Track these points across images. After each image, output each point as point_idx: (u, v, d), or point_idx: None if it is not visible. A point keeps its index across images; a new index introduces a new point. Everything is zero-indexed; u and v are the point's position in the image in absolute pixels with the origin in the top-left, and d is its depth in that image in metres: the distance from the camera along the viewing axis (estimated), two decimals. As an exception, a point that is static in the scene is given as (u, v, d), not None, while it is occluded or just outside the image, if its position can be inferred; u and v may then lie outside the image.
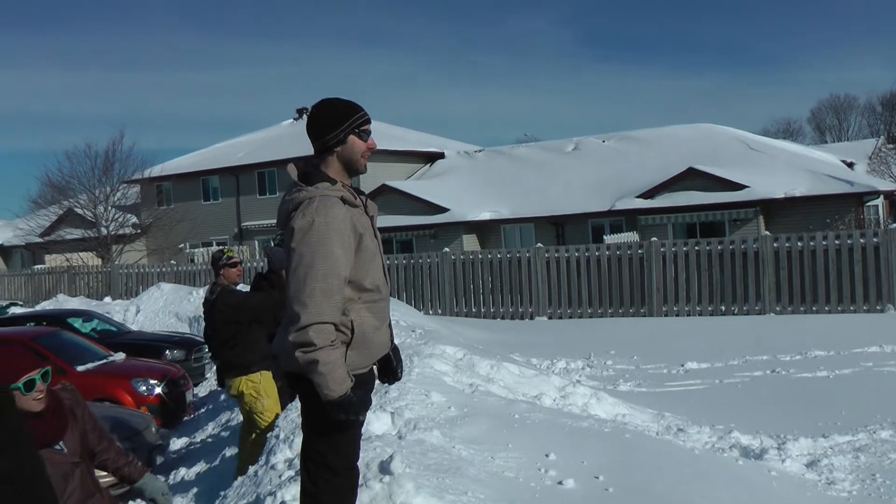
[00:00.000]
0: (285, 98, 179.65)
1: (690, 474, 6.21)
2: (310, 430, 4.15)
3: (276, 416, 8.15)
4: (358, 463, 4.34)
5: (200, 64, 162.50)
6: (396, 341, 4.88)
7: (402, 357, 8.80)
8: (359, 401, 3.86)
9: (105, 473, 4.49)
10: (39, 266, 39.26)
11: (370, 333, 4.04)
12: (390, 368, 4.39)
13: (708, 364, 13.47)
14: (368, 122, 4.12)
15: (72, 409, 4.19)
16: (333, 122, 4.04)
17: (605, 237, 29.75)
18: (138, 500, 4.65)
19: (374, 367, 4.29)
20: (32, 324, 17.03)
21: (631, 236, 30.13)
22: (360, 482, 5.01)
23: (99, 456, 4.34)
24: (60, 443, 4.05)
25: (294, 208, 3.96)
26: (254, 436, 8.27)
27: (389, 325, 4.28)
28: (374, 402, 7.58)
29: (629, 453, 6.65)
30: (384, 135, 43.93)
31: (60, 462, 3.99)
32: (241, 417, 8.89)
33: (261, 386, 8.15)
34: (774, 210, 30.96)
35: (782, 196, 30.54)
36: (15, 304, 29.56)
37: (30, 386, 3.88)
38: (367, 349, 4.06)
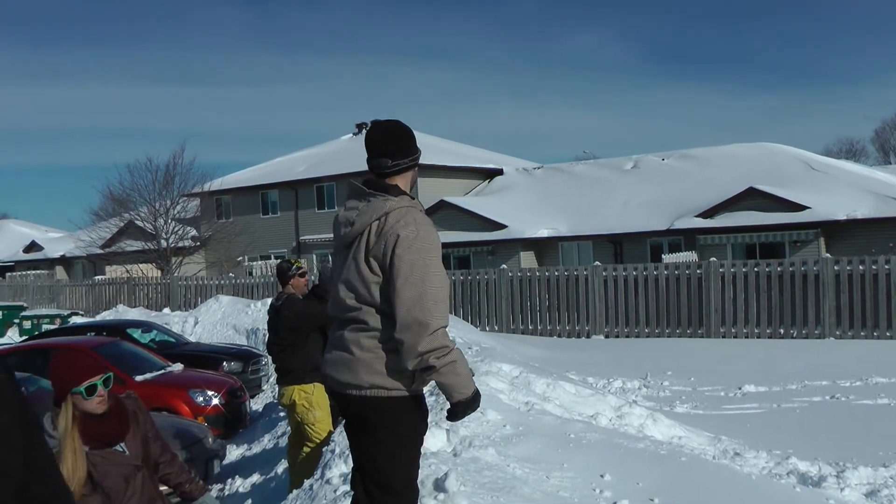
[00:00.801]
0: (344, 113, 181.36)
1: (747, 500, 6.14)
2: (374, 451, 4.05)
3: (331, 431, 8.20)
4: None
5: (261, 79, 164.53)
6: None
7: None
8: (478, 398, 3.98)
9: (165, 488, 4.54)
10: (100, 277, 39.84)
11: None
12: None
13: (766, 388, 13.31)
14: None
15: (135, 415, 4.28)
16: (414, 144, 4.14)
17: (663, 256, 29.52)
18: None
19: None
20: (93, 334, 17.26)
21: (689, 256, 29.85)
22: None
23: (162, 468, 4.39)
24: (122, 445, 4.13)
25: (381, 216, 3.94)
26: (306, 449, 8.32)
27: None
28: (430, 419, 7.62)
29: (685, 476, 6.59)
30: (443, 150, 44.04)
31: (122, 463, 4.08)
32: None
33: (313, 397, 8.19)
34: (836, 232, 30.51)
35: (844, 218, 30.08)
36: (76, 314, 30.02)
37: (91, 391, 4.01)
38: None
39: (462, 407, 3.88)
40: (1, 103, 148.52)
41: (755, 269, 19.94)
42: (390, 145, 4.08)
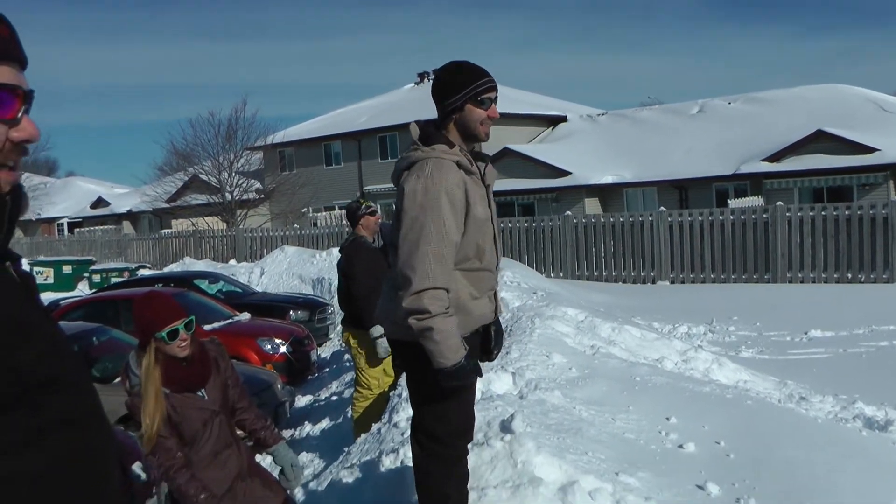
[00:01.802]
0: (407, 63, 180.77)
1: (813, 444, 6.12)
2: (416, 399, 4.13)
3: (392, 378, 8.28)
4: (477, 425, 4.32)
5: (322, 31, 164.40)
6: (517, 303, 4.89)
7: (521, 323, 8.82)
8: (472, 368, 3.79)
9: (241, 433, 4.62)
10: (166, 230, 40.40)
11: (466, 301, 3.93)
12: (486, 347, 4.21)
13: (832, 332, 13.18)
14: (492, 89, 3.95)
15: (216, 361, 4.37)
16: (453, 88, 3.93)
17: (729, 201, 29.16)
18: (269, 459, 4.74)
19: (481, 329, 4.15)
20: (160, 285, 17.53)
21: (756, 201, 29.43)
22: (482, 440, 5.10)
23: (238, 414, 4.45)
24: (203, 391, 4.24)
25: (407, 167, 3.90)
26: (355, 394, 8.37)
27: (495, 299, 4.16)
28: (495, 363, 7.68)
29: (751, 420, 6.58)
30: (506, 98, 43.44)
31: (201, 407, 4.18)
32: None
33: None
34: (906, 175, 29.87)
35: (915, 160, 29.43)
36: (143, 267, 30.58)
37: (173, 335, 4.09)
38: (465, 317, 3.92)
39: (443, 376, 3.71)
40: (67, 63, 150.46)
41: (822, 212, 19.65)
42: (435, 92, 4.00)
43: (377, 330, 7.69)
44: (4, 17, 1.59)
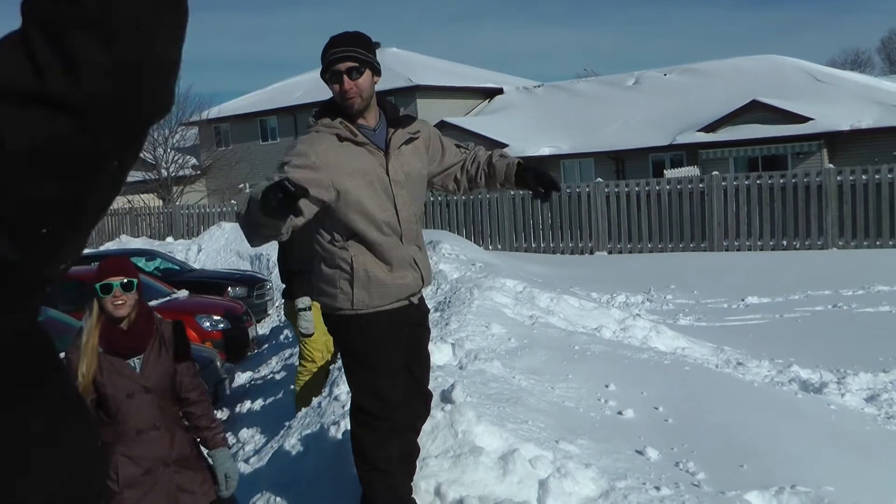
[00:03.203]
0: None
1: (749, 407, 6.21)
2: (345, 371, 4.17)
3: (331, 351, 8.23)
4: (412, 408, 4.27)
5: (258, 4, 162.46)
6: (456, 275, 4.88)
7: (460, 294, 8.81)
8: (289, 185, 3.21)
9: None
10: (103, 208, 39.80)
11: (378, 274, 3.93)
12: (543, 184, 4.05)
13: (769, 299, 13.38)
14: (335, 62, 3.86)
15: (165, 340, 4.27)
16: (323, 52, 3.95)
17: (665, 172, 29.40)
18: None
19: (412, 300, 4.14)
20: (96, 264, 17.25)
21: (692, 171, 29.73)
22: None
23: (185, 405, 4.35)
24: (136, 361, 4.17)
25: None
26: (299, 368, 8.31)
27: (417, 265, 4.09)
28: (434, 334, 7.67)
29: (688, 385, 6.66)
30: (442, 71, 43.67)
31: (128, 377, 4.11)
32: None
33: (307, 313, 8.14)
34: (839, 143, 30.28)
35: (848, 128, 29.81)
36: (80, 245, 30.06)
37: (106, 289, 4.07)
38: (380, 288, 3.93)
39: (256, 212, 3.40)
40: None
41: (758, 181, 19.90)
42: None
43: (301, 301, 7.66)
44: None
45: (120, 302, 4.09)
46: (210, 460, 4.46)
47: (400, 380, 4.10)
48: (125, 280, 4.10)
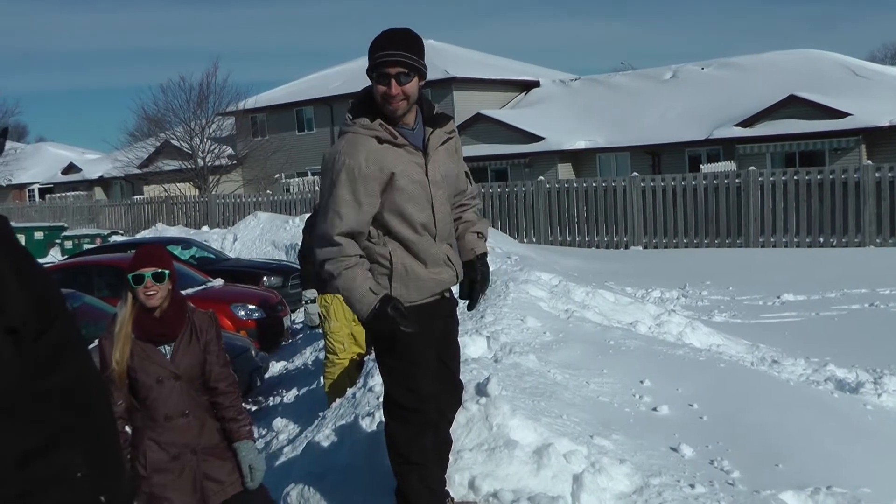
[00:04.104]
0: (381, 27, 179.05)
1: (784, 405, 6.17)
2: (380, 365, 4.18)
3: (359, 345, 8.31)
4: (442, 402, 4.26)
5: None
6: (491, 268, 4.81)
7: (496, 287, 8.75)
8: (396, 315, 3.74)
9: None
10: (138, 196, 40.13)
11: (416, 269, 3.95)
12: (473, 294, 4.24)
13: (804, 296, 13.27)
14: (386, 65, 3.74)
15: (197, 329, 4.33)
16: (371, 51, 3.84)
17: (701, 166, 29.24)
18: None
19: (444, 294, 4.16)
20: (133, 251, 17.36)
21: (728, 166, 29.52)
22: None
23: (213, 395, 4.39)
24: (167, 348, 4.25)
25: (340, 137, 4.01)
26: (325, 362, 8.39)
27: (452, 263, 4.10)
28: (469, 327, 7.69)
29: (724, 383, 6.62)
30: (478, 63, 43.59)
31: (158, 363, 4.20)
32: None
33: (331, 307, 8.21)
34: (878, 139, 29.95)
35: (887, 124, 29.45)
36: (116, 234, 30.31)
37: (138, 280, 4.16)
38: (418, 283, 3.95)
39: (368, 321, 3.84)
40: (37, 26, 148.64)
41: (794, 177, 19.75)
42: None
43: (308, 293, 7.71)
44: None
45: (152, 292, 4.17)
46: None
47: (433, 372, 4.11)
48: (157, 271, 4.19)
